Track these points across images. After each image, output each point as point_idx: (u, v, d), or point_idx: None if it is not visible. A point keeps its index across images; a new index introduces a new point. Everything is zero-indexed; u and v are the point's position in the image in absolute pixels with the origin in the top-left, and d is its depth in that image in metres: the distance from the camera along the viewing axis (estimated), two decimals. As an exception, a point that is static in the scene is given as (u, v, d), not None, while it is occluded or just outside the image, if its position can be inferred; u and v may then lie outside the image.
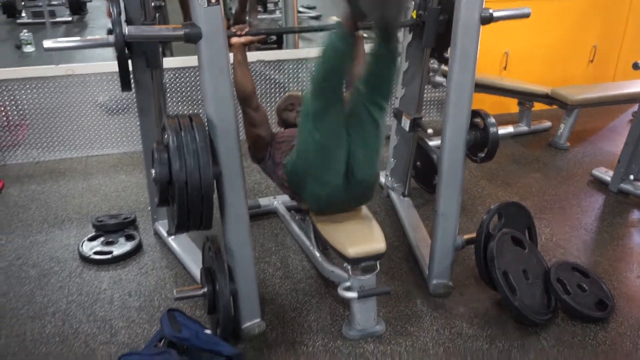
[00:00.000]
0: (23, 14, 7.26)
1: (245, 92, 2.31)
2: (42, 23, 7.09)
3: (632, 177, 3.20)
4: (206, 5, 1.70)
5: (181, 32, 1.73)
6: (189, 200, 1.74)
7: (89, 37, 4.64)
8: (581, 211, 3.09)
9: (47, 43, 2.04)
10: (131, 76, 2.21)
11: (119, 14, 2.04)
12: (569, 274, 2.34)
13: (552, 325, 2.20)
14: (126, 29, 1.71)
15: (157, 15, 2.22)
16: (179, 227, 1.82)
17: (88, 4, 7.88)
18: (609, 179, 3.31)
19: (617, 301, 2.33)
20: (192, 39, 1.73)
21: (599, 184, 3.38)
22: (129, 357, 1.80)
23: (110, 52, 4.64)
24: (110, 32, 6.28)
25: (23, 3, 7.46)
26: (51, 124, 3.64)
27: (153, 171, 1.80)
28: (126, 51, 2.06)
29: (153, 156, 1.82)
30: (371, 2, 1.76)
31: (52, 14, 7.43)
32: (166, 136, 1.81)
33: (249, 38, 2.30)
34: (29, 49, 5.83)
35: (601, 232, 2.89)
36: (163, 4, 3.38)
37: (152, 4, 2.19)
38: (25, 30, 5.92)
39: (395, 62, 1.94)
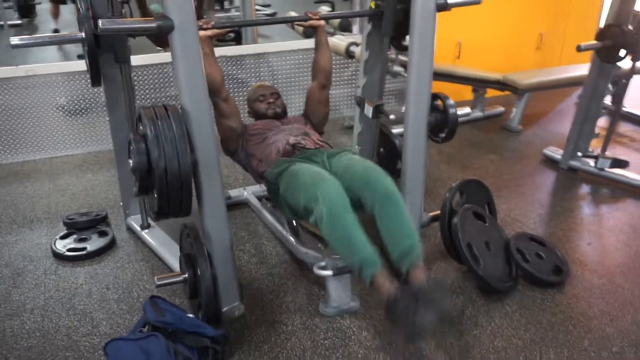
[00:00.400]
0: (-32, 18, 7.06)
1: (214, 84, 2.37)
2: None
3: (579, 154, 3.42)
4: (177, -2, 1.76)
5: (154, 25, 1.78)
6: (168, 187, 1.80)
7: (57, 34, 4.61)
8: (535, 188, 3.28)
9: (14, 40, 2.06)
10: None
11: (87, 9, 2.07)
12: (527, 244, 2.50)
13: (514, 292, 2.35)
14: (99, 22, 1.75)
15: (123, 10, 2.25)
16: (159, 214, 1.88)
17: (37, 7, 7.72)
18: (559, 157, 3.53)
19: (571, 267, 2.51)
20: (165, 30, 1.79)
21: (550, 162, 3.59)
22: (116, 344, 1.84)
23: (57, 53, 4.61)
24: (56, 31, 6.20)
25: (-32, 7, 7.26)
26: (12, 125, 3.60)
27: (131, 161, 1.86)
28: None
29: (130, 147, 1.87)
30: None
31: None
32: (142, 126, 1.87)
33: (215, 31, 2.38)
34: (-23, 53, 5.69)
35: (554, 205, 3.08)
36: (129, -2, 3.40)
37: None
38: (-28, 35, 5.77)
39: None
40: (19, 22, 7.22)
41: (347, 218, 1.95)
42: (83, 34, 2.14)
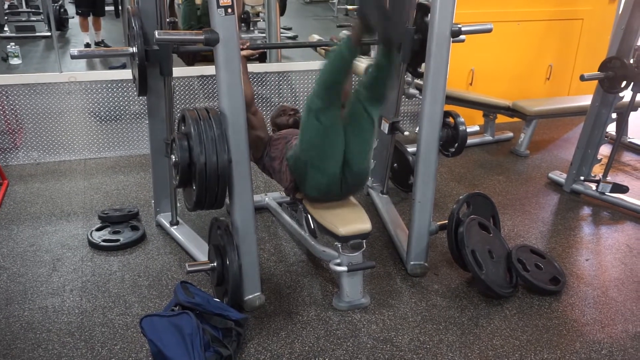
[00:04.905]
0: (6, 29, 7.43)
1: (246, 99, 2.61)
2: (25, 37, 7.33)
3: (582, 178, 3.61)
4: (223, 15, 2.01)
5: (202, 37, 2.03)
6: (207, 180, 2.03)
7: (111, 48, 4.96)
8: (539, 207, 3.47)
9: (74, 52, 2.32)
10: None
11: (140, 27, 2.34)
12: (527, 255, 2.69)
13: (513, 298, 2.53)
14: (156, 33, 2.00)
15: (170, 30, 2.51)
16: (196, 205, 2.10)
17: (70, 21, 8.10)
18: (563, 180, 3.72)
19: (568, 279, 2.69)
20: (211, 42, 2.03)
21: (555, 185, 3.78)
22: (151, 319, 2.04)
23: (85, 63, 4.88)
24: (87, 45, 6.56)
25: (6, 18, 7.65)
26: (51, 127, 3.88)
27: (173, 157, 2.09)
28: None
29: (173, 144, 2.11)
30: (378, 23, 2.09)
31: (32, 29, 7.64)
32: (185, 126, 2.10)
33: (250, 51, 2.63)
34: (15, 61, 6.00)
35: (556, 224, 3.27)
36: (176, 20, 3.67)
37: (167, 20, 2.48)
38: (12, 43, 6.10)
39: (393, 71, 2.26)
40: (50, 34, 7.59)
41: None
42: (135, 49, 2.39)
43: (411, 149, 3.45)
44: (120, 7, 5.35)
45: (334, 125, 2.23)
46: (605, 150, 3.69)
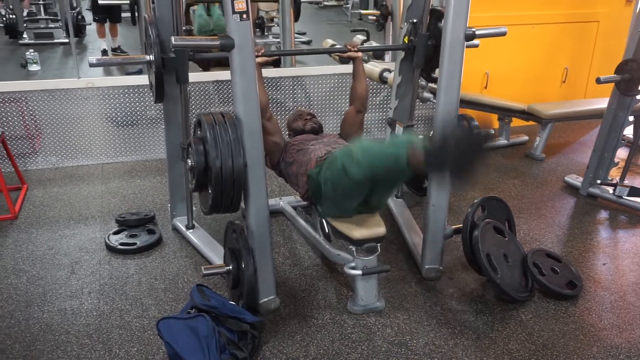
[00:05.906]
0: (25, 35, 7.56)
1: (260, 105, 2.63)
2: (43, 44, 7.45)
3: (599, 182, 3.58)
4: (239, 20, 2.03)
5: (217, 43, 2.05)
6: (222, 184, 2.05)
7: (128, 56, 5.04)
8: (555, 211, 3.45)
9: (92, 60, 2.36)
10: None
11: (157, 35, 2.37)
12: (543, 259, 2.68)
13: (529, 303, 2.51)
14: (172, 39, 2.03)
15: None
16: (212, 208, 2.13)
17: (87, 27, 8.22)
18: (579, 184, 3.69)
19: (585, 283, 2.66)
20: (226, 48, 2.06)
21: (571, 189, 3.75)
22: (168, 321, 2.07)
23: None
24: (104, 51, 6.66)
25: (25, 25, 7.78)
26: (70, 132, 3.94)
27: (189, 161, 2.12)
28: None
29: (189, 148, 2.13)
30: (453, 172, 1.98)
31: (51, 35, 7.77)
32: (201, 130, 2.13)
33: (265, 58, 2.65)
34: (34, 67, 6.10)
35: (572, 228, 3.24)
36: (191, 27, 3.72)
37: (183, 28, 2.51)
38: (31, 50, 6.20)
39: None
40: (67, 41, 7.71)
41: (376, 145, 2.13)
42: (151, 57, 2.43)
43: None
44: (136, 14, 5.44)
45: (362, 184, 2.19)
46: (622, 153, 3.66)
